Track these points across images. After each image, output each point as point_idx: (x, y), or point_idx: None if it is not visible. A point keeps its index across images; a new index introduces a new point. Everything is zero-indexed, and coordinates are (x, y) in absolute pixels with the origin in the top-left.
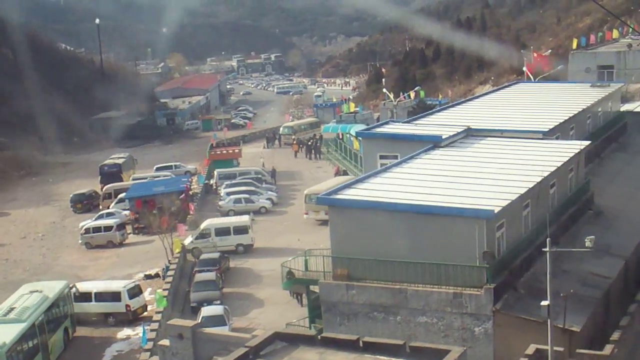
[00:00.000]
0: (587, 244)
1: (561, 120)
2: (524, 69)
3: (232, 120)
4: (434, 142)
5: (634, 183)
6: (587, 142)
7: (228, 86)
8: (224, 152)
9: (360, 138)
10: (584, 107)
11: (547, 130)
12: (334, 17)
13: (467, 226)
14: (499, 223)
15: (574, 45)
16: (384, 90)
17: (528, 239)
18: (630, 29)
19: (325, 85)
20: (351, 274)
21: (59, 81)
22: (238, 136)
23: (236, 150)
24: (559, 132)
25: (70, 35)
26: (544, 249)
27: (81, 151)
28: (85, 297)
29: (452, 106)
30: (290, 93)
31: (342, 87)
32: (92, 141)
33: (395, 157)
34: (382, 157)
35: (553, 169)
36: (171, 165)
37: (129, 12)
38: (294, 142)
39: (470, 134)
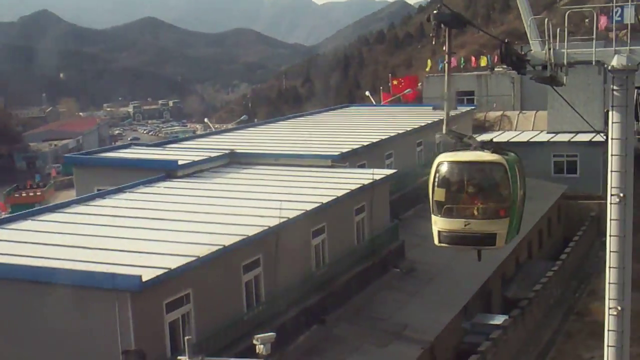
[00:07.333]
0: None
1: (366, 144)
2: (367, 93)
3: None
4: (166, 170)
5: None
6: (391, 171)
7: (117, 131)
8: (24, 195)
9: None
10: (410, 129)
11: (338, 154)
12: (237, 65)
13: (104, 305)
14: (172, 298)
15: (428, 68)
16: (206, 121)
17: (251, 320)
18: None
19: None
20: None
21: None
22: (65, 179)
23: (38, 193)
24: (365, 159)
25: None
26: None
27: None
28: None
29: (237, 129)
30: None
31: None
32: None
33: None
34: (100, 190)
35: (314, 206)
36: None
37: (26, 57)
38: None
39: (236, 160)
